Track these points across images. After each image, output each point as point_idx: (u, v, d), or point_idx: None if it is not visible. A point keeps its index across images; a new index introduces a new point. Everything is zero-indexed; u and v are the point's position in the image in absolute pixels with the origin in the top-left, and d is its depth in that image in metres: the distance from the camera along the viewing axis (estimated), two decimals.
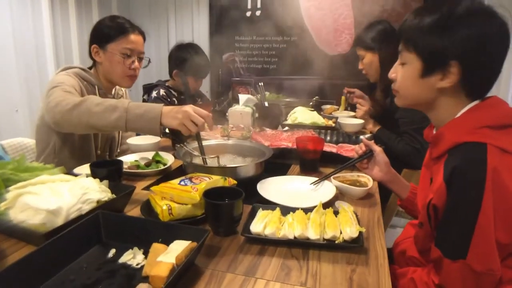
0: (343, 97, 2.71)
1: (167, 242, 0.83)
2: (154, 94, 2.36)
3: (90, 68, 1.75)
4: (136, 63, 1.69)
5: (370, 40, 2.11)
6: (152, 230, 0.88)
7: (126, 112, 1.26)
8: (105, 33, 1.64)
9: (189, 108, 1.23)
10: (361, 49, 2.19)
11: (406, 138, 1.89)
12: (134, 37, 1.67)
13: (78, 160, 1.61)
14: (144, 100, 2.53)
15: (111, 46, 1.63)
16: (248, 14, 3.45)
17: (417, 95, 1.00)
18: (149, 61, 1.78)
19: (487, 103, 0.93)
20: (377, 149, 1.29)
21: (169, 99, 2.37)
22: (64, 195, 0.95)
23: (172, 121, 1.23)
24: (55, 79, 1.52)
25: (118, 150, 1.94)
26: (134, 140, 1.77)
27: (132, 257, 0.84)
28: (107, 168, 1.22)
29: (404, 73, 1.00)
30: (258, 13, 3.42)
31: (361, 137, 1.86)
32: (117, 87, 1.86)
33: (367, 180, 1.30)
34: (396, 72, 1.04)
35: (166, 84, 2.46)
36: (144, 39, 1.75)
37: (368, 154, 1.30)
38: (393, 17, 3.00)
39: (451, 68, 0.90)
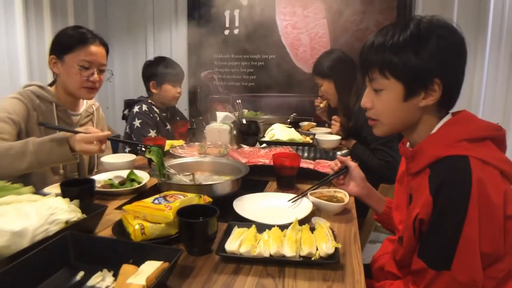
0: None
1: (139, 263, 0.80)
2: (136, 109, 2.37)
3: (52, 83, 1.68)
4: (96, 76, 1.61)
5: (326, 69, 2.22)
6: (122, 251, 0.85)
7: (35, 155, 1.28)
8: (63, 43, 1.57)
9: (78, 143, 1.30)
10: (318, 78, 2.31)
11: (377, 154, 1.96)
12: (94, 48, 1.59)
13: (37, 185, 1.54)
14: (124, 115, 2.53)
15: (68, 57, 1.56)
16: (227, 32, 3.48)
17: (402, 119, 0.97)
18: (112, 74, 1.71)
19: (461, 117, 0.95)
20: (352, 164, 1.30)
21: (151, 115, 2.39)
22: (30, 216, 0.91)
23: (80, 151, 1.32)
24: None
25: (96, 170, 1.83)
26: (108, 158, 1.72)
27: (101, 280, 0.81)
28: (78, 187, 1.19)
29: (383, 100, 0.96)
30: (236, 31, 3.46)
31: (337, 153, 1.88)
32: (88, 102, 1.81)
33: (344, 196, 1.31)
34: (371, 101, 0.99)
35: (149, 101, 2.47)
36: (107, 51, 1.67)
37: (344, 170, 1.31)
38: (367, 36, 3.08)
39: (433, 85, 0.90)
